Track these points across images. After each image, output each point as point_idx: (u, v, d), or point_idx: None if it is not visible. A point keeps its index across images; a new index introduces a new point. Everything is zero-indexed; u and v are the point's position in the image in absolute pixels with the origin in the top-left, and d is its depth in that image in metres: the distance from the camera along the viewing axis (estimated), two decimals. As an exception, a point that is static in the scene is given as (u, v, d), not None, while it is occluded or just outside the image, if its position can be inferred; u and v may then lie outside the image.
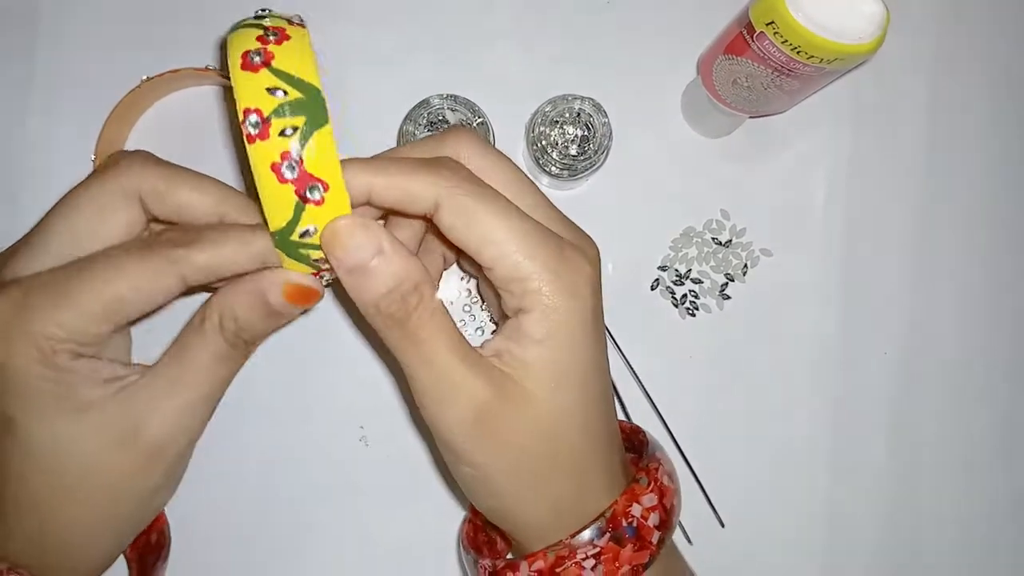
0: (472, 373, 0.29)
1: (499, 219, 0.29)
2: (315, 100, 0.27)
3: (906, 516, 0.52)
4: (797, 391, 0.52)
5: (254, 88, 0.27)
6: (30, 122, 0.51)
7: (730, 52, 0.44)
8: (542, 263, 0.30)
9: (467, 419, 0.30)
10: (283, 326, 0.32)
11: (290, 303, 0.30)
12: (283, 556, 0.50)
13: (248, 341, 0.31)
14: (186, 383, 0.30)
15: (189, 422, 0.31)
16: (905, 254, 0.53)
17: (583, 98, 0.48)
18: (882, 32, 0.38)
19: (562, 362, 0.30)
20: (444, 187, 0.29)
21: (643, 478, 0.33)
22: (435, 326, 0.29)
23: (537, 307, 0.30)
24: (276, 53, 0.27)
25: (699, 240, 0.52)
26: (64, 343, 0.29)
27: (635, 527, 0.31)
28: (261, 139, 0.27)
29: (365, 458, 0.50)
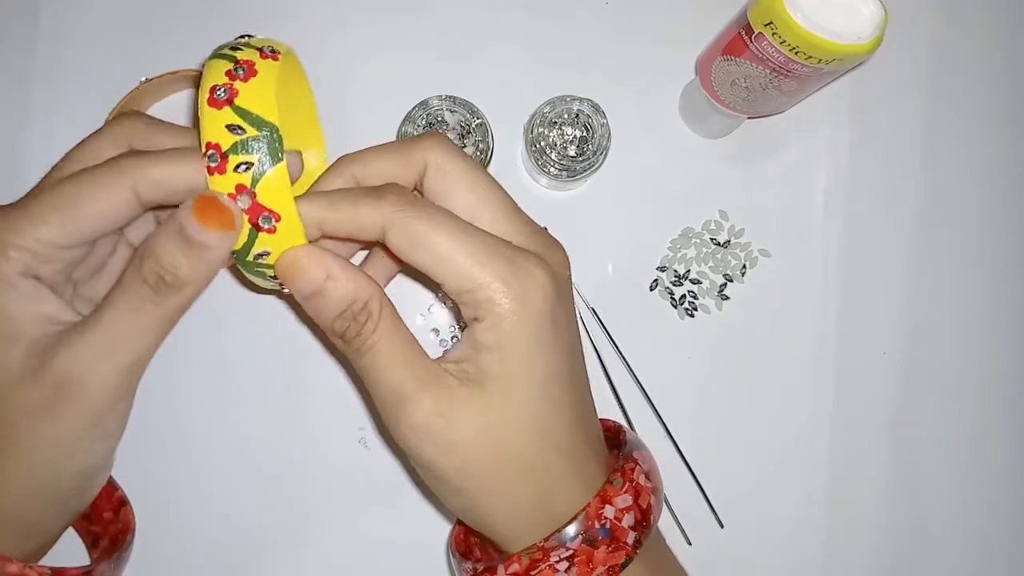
0: (418, 384, 0.31)
1: (445, 237, 0.30)
2: (271, 138, 0.29)
3: (905, 516, 0.52)
4: (796, 391, 0.52)
5: (215, 124, 0.29)
6: (29, 123, 0.51)
7: (728, 53, 0.44)
8: (491, 272, 0.30)
9: (415, 424, 0.31)
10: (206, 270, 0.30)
11: (202, 224, 0.29)
12: (281, 557, 0.50)
13: (169, 284, 0.30)
14: (101, 325, 0.30)
15: (102, 364, 0.30)
16: (903, 254, 0.53)
17: (582, 99, 0.48)
18: (880, 33, 0.38)
19: (512, 368, 0.31)
20: (389, 213, 0.31)
21: (617, 479, 0.33)
22: (385, 341, 0.31)
23: (488, 315, 0.31)
24: (240, 91, 0.29)
25: (698, 241, 0.52)
26: (20, 252, 0.30)
27: (608, 528, 0.31)
28: (219, 173, 0.29)
29: (365, 460, 0.50)
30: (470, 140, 0.47)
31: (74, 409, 0.30)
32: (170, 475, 0.50)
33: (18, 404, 0.30)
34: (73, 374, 0.30)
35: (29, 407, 0.30)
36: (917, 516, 0.52)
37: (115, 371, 0.31)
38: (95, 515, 0.39)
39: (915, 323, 0.53)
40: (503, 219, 0.33)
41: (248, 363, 0.51)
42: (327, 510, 0.50)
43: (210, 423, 0.50)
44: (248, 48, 0.31)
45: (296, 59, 0.37)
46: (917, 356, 0.53)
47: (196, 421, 0.50)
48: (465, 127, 0.47)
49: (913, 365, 0.53)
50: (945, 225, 0.54)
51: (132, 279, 0.30)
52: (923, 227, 0.53)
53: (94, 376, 0.30)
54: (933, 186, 0.54)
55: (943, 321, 0.53)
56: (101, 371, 0.30)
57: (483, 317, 0.31)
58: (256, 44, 0.31)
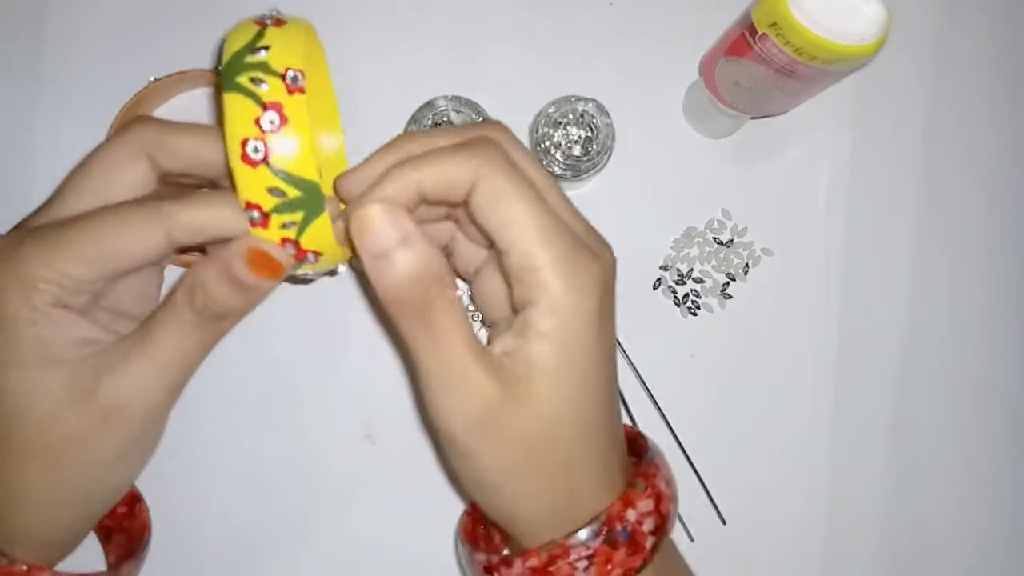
0: (483, 369, 0.30)
1: (525, 205, 0.30)
2: (312, 196, 0.29)
3: (905, 515, 0.52)
4: (798, 390, 0.52)
5: (254, 186, 0.28)
6: (37, 123, 0.51)
7: (732, 53, 0.44)
8: (555, 255, 0.30)
9: (473, 414, 0.30)
10: (253, 303, 0.31)
11: (253, 272, 0.30)
12: (287, 551, 0.50)
13: (217, 315, 0.31)
14: (149, 351, 0.31)
15: (148, 389, 0.31)
16: (906, 254, 0.53)
17: (586, 99, 0.48)
18: (884, 33, 0.38)
19: (565, 357, 0.30)
20: (482, 168, 0.30)
21: (640, 483, 0.33)
22: (452, 319, 0.30)
23: (544, 299, 0.30)
24: (274, 148, 0.28)
25: (701, 240, 0.53)
26: (49, 284, 0.30)
27: (629, 531, 0.31)
28: (263, 227, 0.29)
29: (371, 455, 0.51)
30: (475, 140, 0.48)
31: (120, 433, 0.31)
32: (171, 472, 0.49)
33: (63, 429, 0.31)
34: (121, 400, 0.31)
35: (74, 432, 0.31)
36: (917, 515, 0.53)
37: (159, 395, 0.31)
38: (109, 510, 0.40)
39: (916, 322, 0.53)
40: (565, 214, 0.33)
41: (250, 357, 0.51)
42: (330, 506, 0.50)
43: (211, 420, 0.50)
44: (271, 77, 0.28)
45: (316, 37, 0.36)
46: (918, 355, 0.53)
47: (196, 418, 0.50)
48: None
49: (914, 364, 0.53)
50: (947, 225, 0.54)
51: (182, 307, 0.30)
52: (925, 227, 0.54)
53: (144, 400, 0.31)
54: (935, 186, 0.54)
55: (944, 320, 0.53)
56: (150, 395, 0.31)
57: (538, 300, 0.30)
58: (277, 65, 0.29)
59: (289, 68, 0.29)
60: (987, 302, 0.54)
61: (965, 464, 0.53)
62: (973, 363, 0.53)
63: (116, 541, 0.39)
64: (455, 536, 0.49)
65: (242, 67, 0.29)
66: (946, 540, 0.53)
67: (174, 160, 0.33)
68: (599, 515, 0.32)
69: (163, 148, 0.32)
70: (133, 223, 0.30)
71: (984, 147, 0.54)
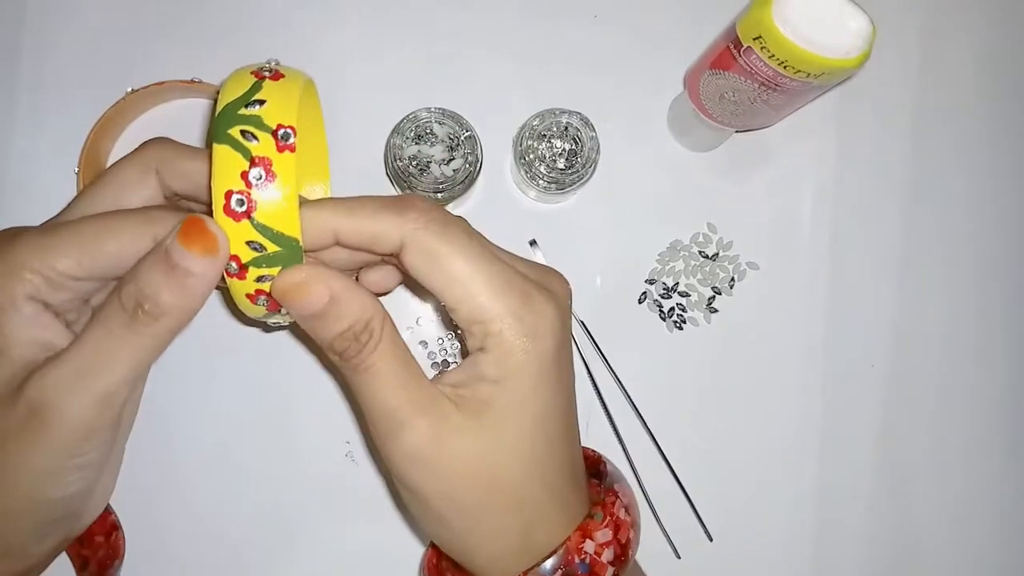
0: (413, 406, 0.30)
1: (465, 260, 0.30)
2: (292, 251, 0.29)
3: (894, 528, 0.52)
4: (785, 404, 0.52)
5: (234, 238, 0.28)
6: (14, 134, 0.51)
7: (717, 67, 0.44)
8: (505, 306, 0.30)
9: (408, 448, 0.30)
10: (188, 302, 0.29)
11: (184, 246, 0.28)
12: (270, 567, 0.49)
13: (148, 312, 0.29)
14: (73, 350, 0.29)
15: (74, 392, 0.29)
16: (891, 267, 0.53)
17: (571, 112, 0.48)
18: (868, 47, 0.38)
19: (510, 403, 0.30)
20: (410, 228, 0.30)
21: (598, 513, 0.33)
22: (383, 362, 0.30)
23: (496, 349, 0.30)
24: (258, 204, 0.28)
25: (686, 253, 0.52)
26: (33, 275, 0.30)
27: (588, 563, 0.31)
28: (239, 279, 0.29)
29: (351, 474, 0.50)
30: (459, 152, 0.47)
31: (45, 437, 0.29)
32: (155, 489, 0.49)
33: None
34: (44, 401, 0.29)
35: (3, 430, 0.30)
36: (905, 530, 0.52)
37: (88, 401, 0.29)
38: (87, 538, 0.38)
39: (902, 335, 0.53)
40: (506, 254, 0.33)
41: (233, 376, 0.50)
42: (313, 524, 0.50)
43: (195, 437, 0.50)
44: (261, 132, 0.28)
45: (314, 90, 0.36)
46: (905, 368, 0.53)
47: (181, 435, 0.50)
48: (454, 139, 0.47)
49: (901, 377, 0.53)
50: (932, 237, 0.54)
51: (110, 305, 0.29)
52: (910, 239, 0.54)
53: (67, 404, 0.29)
54: (920, 199, 0.54)
55: (931, 333, 0.53)
56: (73, 399, 0.29)
57: (490, 349, 0.30)
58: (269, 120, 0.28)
59: (281, 125, 0.28)
60: (974, 314, 0.54)
61: (953, 477, 0.53)
62: (961, 375, 0.53)
63: (90, 571, 0.38)
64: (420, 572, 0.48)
65: (235, 119, 0.28)
66: (935, 554, 0.52)
67: (180, 181, 0.33)
68: (556, 549, 0.31)
69: (171, 168, 0.33)
70: (123, 225, 0.30)
71: (970, 160, 0.54)
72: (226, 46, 0.52)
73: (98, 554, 0.39)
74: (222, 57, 0.51)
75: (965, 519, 0.53)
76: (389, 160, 0.47)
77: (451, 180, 0.47)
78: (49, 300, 0.30)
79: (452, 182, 0.46)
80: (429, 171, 0.47)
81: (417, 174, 0.47)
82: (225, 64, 0.50)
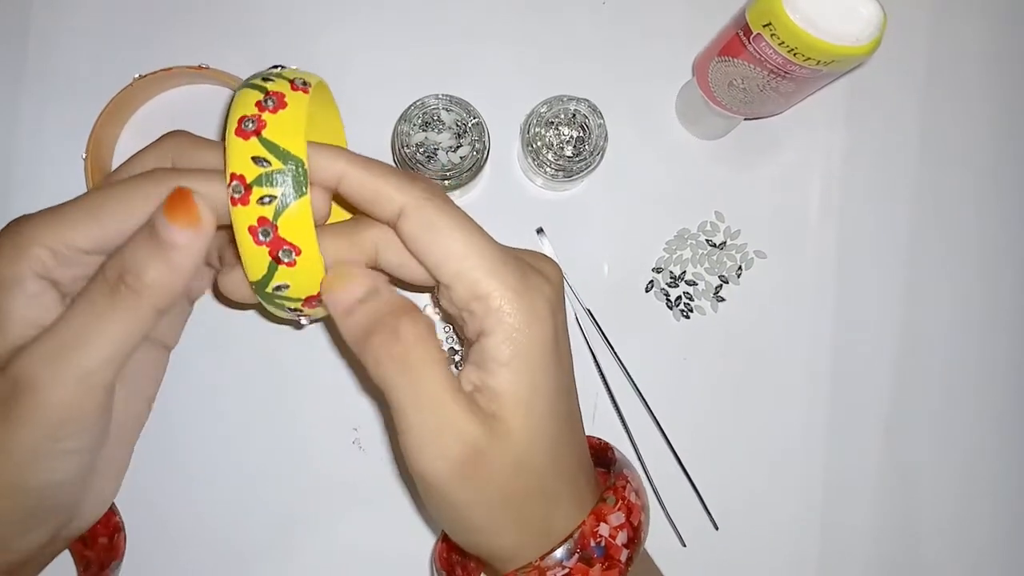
0: (462, 410, 0.29)
1: (463, 235, 0.30)
2: (296, 172, 0.29)
3: (900, 519, 0.52)
4: (791, 393, 0.52)
5: (241, 155, 0.29)
6: (21, 120, 0.51)
7: (726, 54, 0.43)
8: (503, 282, 0.29)
9: (455, 458, 0.29)
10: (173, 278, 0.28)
11: (168, 218, 0.28)
12: (274, 559, 0.50)
13: (130, 285, 0.28)
14: (59, 328, 0.29)
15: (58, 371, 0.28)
16: (899, 255, 0.53)
17: (579, 99, 0.47)
18: (879, 34, 0.38)
19: (528, 384, 0.30)
20: (413, 196, 0.30)
21: (610, 497, 0.33)
22: (427, 356, 0.29)
23: (499, 327, 0.30)
24: (268, 122, 0.29)
25: (693, 242, 0.52)
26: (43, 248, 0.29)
27: (603, 546, 0.31)
28: (242, 204, 0.29)
29: (359, 461, 0.50)
30: (466, 140, 0.47)
31: (25, 414, 0.28)
32: (159, 479, 0.49)
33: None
34: (25, 376, 0.28)
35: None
36: (912, 519, 0.52)
37: (69, 379, 0.28)
38: (90, 539, 0.38)
39: (910, 324, 0.53)
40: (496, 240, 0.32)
41: (242, 364, 0.50)
42: (319, 513, 0.50)
43: (200, 426, 0.50)
44: (279, 79, 0.30)
45: (328, 90, 0.37)
46: (913, 357, 0.53)
47: (185, 425, 0.50)
48: (461, 126, 0.47)
49: (909, 366, 0.53)
50: (941, 226, 0.54)
51: (95, 280, 0.29)
52: (918, 228, 0.53)
53: (49, 381, 0.28)
54: (928, 187, 0.54)
55: (939, 323, 0.53)
56: (55, 376, 0.28)
57: (493, 330, 0.30)
58: (288, 75, 0.31)
59: (298, 80, 0.31)
60: (982, 304, 0.54)
61: (961, 469, 0.53)
62: (969, 365, 0.53)
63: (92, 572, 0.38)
64: (430, 563, 0.48)
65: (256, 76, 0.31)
66: (942, 546, 0.52)
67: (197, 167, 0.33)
68: (572, 533, 0.31)
69: (187, 158, 0.32)
70: (132, 190, 0.30)
71: (978, 148, 0.54)
72: (234, 32, 0.52)
73: (101, 556, 0.39)
74: (230, 43, 0.51)
75: (971, 509, 0.53)
76: (396, 147, 0.47)
77: (458, 167, 0.46)
78: (58, 277, 0.30)
79: (459, 169, 0.46)
80: (436, 158, 0.47)
81: (424, 161, 0.47)
82: (233, 50, 0.51)
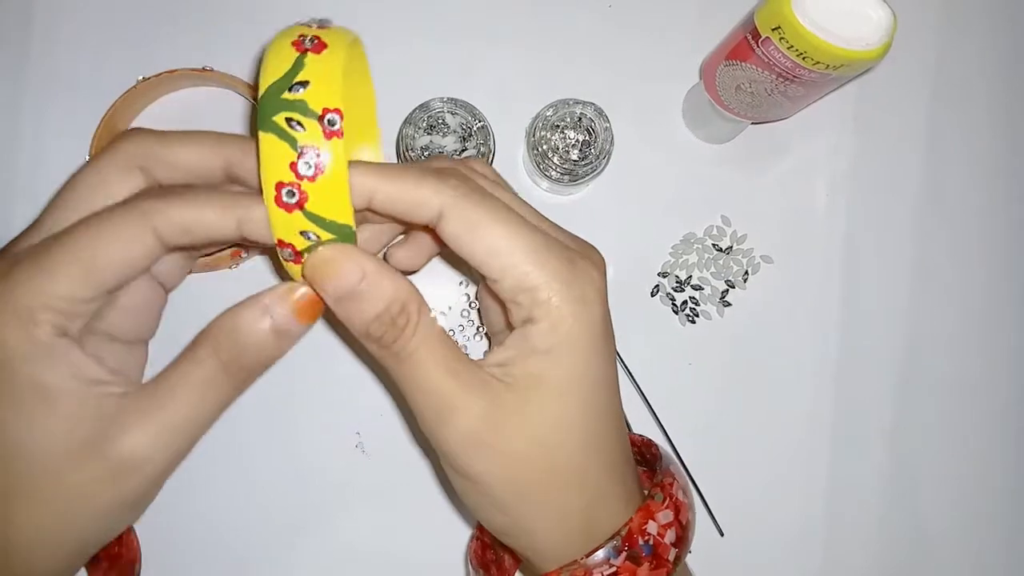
0: (464, 390, 0.29)
1: (506, 229, 0.29)
2: (345, 237, 0.28)
3: (905, 526, 0.52)
4: (797, 398, 0.52)
5: (288, 228, 0.28)
6: (24, 123, 0.51)
7: (734, 57, 0.43)
8: (552, 273, 0.29)
9: (463, 433, 0.29)
10: (285, 351, 0.29)
11: (296, 317, 0.28)
12: (278, 564, 0.49)
13: (244, 367, 0.29)
14: (168, 405, 0.28)
15: (165, 446, 0.29)
16: (906, 261, 0.53)
17: (585, 103, 0.47)
18: (889, 39, 0.38)
19: (565, 374, 0.30)
20: (449, 196, 0.29)
21: (658, 494, 0.32)
22: (426, 346, 0.29)
23: (546, 318, 0.29)
24: (310, 195, 0.27)
25: (700, 246, 0.52)
26: (46, 312, 0.27)
27: (652, 545, 0.31)
28: (295, 263, 0.29)
29: (362, 465, 0.50)
30: (471, 143, 0.47)
31: (129, 491, 0.29)
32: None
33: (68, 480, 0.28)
34: (136, 461, 0.28)
35: (78, 484, 0.28)
36: (917, 525, 0.52)
37: (175, 455, 0.29)
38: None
39: (917, 331, 0.53)
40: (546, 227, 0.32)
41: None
42: (322, 516, 0.50)
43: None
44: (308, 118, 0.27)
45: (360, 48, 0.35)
46: (919, 364, 0.52)
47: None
48: (467, 130, 0.47)
49: (915, 373, 0.52)
50: (947, 232, 0.53)
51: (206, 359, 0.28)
52: (925, 234, 0.53)
53: (155, 461, 0.28)
54: (936, 193, 0.53)
55: (945, 328, 0.53)
56: (161, 453, 0.29)
57: (540, 319, 0.29)
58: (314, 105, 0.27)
59: (327, 110, 0.27)
60: (988, 308, 0.53)
61: (966, 474, 0.53)
62: (975, 370, 0.53)
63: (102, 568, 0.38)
64: (465, 561, 0.48)
65: (279, 104, 0.27)
66: (945, 549, 0.52)
67: (171, 172, 0.31)
68: (619, 531, 0.30)
69: (158, 160, 0.30)
70: (121, 227, 0.28)
71: (986, 153, 0.54)
72: (237, 34, 0.51)
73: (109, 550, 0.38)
74: (233, 45, 0.51)
75: (978, 516, 0.52)
76: (401, 150, 0.46)
77: (463, 171, 0.46)
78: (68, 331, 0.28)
79: (464, 173, 0.46)
80: (441, 162, 0.47)
81: (429, 165, 0.46)
82: (237, 52, 0.51)
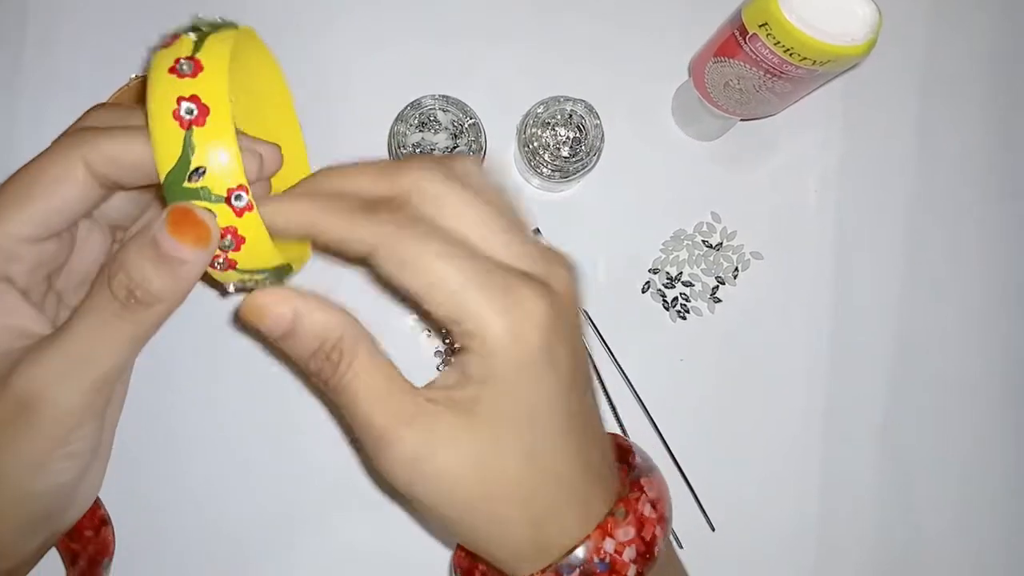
0: (397, 421, 0.29)
1: (437, 261, 0.29)
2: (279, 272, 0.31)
3: (897, 521, 0.52)
4: (788, 394, 0.52)
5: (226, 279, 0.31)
6: (19, 121, 0.51)
7: (722, 54, 0.44)
8: (483, 303, 0.29)
9: (399, 462, 0.30)
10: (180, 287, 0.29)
11: (176, 238, 0.28)
12: (272, 560, 0.49)
13: (140, 300, 0.29)
14: (64, 341, 0.29)
15: (65, 383, 0.29)
16: (896, 256, 0.53)
17: (575, 100, 0.48)
18: (874, 35, 0.38)
19: (501, 400, 0.30)
20: (381, 233, 0.29)
21: (620, 510, 0.32)
22: (359, 380, 0.30)
23: (478, 349, 0.29)
24: (238, 260, 0.30)
25: (690, 243, 0.52)
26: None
27: (608, 562, 0.31)
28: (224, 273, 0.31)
29: (356, 462, 0.50)
30: (462, 140, 0.47)
31: (37, 428, 0.29)
32: (155, 484, 0.49)
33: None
34: (35, 392, 0.29)
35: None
36: (909, 522, 0.52)
37: (80, 390, 0.29)
38: (76, 532, 0.38)
39: (908, 327, 0.53)
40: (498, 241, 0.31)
41: (239, 369, 0.50)
42: (316, 513, 0.50)
43: (196, 430, 0.50)
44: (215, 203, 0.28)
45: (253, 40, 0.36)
46: (910, 359, 0.53)
47: (182, 428, 0.50)
48: (458, 127, 0.47)
49: (906, 369, 0.53)
50: (937, 227, 0.54)
51: (100, 294, 0.29)
52: (915, 229, 0.53)
53: (58, 394, 0.29)
54: (925, 188, 0.54)
55: (937, 323, 0.53)
56: (65, 389, 0.29)
57: (471, 349, 0.29)
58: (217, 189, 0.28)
59: (232, 190, 0.28)
60: (980, 304, 0.53)
61: (960, 471, 0.53)
62: (967, 366, 0.53)
63: (80, 567, 0.38)
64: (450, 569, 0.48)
65: (183, 193, 0.28)
66: (938, 545, 0.52)
67: (114, 168, 0.31)
68: (575, 547, 0.31)
69: (100, 155, 0.31)
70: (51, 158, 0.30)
71: (975, 149, 0.54)
72: (229, 33, 0.51)
73: (88, 549, 0.38)
74: (225, 44, 0.51)
75: (970, 511, 0.53)
76: (392, 147, 0.47)
77: (454, 168, 0.46)
78: (11, 275, 0.30)
79: (455, 170, 0.46)
80: (432, 159, 0.47)
81: (420, 162, 0.47)
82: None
